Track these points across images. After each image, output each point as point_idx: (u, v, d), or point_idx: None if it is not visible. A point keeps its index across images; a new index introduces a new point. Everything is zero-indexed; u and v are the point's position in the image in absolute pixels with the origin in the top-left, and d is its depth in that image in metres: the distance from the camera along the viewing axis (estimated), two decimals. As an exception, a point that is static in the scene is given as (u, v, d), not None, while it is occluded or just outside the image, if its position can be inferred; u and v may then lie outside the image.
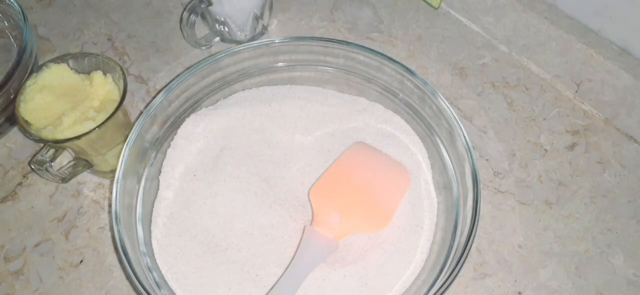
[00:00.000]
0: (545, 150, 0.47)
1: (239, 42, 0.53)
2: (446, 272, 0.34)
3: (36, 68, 0.41)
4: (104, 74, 0.41)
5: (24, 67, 0.44)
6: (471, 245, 0.34)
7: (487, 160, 0.46)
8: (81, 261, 0.41)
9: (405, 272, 0.38)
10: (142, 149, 0.40)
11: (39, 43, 0.55)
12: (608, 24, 0.48)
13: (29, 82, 0.40)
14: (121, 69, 0.40)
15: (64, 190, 0.44)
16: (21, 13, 0.46)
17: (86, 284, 0.40)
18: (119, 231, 0.34)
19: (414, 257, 0.38)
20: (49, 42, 0.55)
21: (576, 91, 0.50)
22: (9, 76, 0.42)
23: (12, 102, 0.44)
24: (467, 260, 0.34)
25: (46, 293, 0.39)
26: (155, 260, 0.37)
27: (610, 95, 0.48)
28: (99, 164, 0.42)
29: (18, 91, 0.40)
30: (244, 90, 0.47)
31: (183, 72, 0.42)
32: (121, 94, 0.39)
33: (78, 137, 0.37)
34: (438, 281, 0.34)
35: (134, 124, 0.39)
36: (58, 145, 0.38)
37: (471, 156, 0.38)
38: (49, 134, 0.37)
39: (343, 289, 0.37)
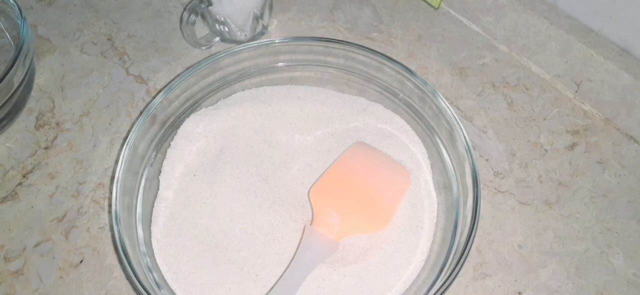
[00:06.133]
0: (545, 150, 0.47)
1: (239, 42, 0.53)
2: (446, 272, 0.34)
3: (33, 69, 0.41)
4: None
5: (21, 67, 0.44)
6: (471, 245, 0.34)
7: (487, 160, 0.46)
8: (81, 261, 0.41)
9: (405, 272, 0.37)
10: (142, 149, 0.40)
11: (39, 43, 0.55)
12: (608, 24, 0.48)
13: None
14: None
15: (64, 190, 0.44)
16: (19, 12, 0.46)
17: (86, 284, 0.40)
18: (119, 231, 0.34)
19: (414, 257, 0.38)
20: (49, 42, 0.55)
21: (576, 91, 0.50)
22: (3, 76, 0.42)
23: (6, 103, 0.44)
24: (467, 260, 0.34)
25: (46, 293, 0.39)
26: (155, 260, 0.37)
27: (610, 95, 0.48)
28: None
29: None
30: (244, 90, 0.47)
31: (183, 72, 0.42)
32: None
33: None
34: (438, 281, 0.34)
35: (134, 124, 0.39)
36: None
37: (471, 156, 0.38)
38: None
39: (343, 289, 0.37)
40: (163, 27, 0.56)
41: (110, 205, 0.44)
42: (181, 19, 0.49)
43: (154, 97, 0.40)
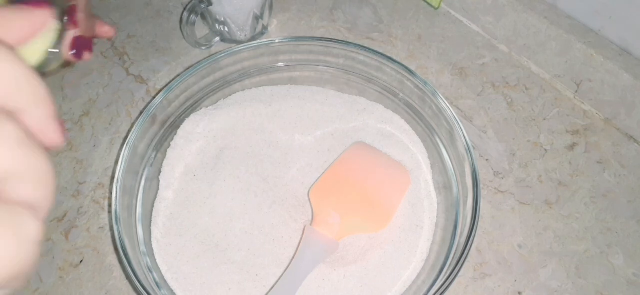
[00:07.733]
0: (545, 150, 0.47)
1: (239, 42, 0.53)
2: (446, 272, 0.34)
3: None
4: None
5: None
6: (471, 245, 0.34)
7: (487, 160, 0.46)
8: (81, 261, 0.41)
9: (405, 272, 0.37)
10: (142, 149, 0.40)
11: (39, 43, 0.55)
12: (608, 24, 0.48)
13: None
14: None
15: (64, 190, 0.44)
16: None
17: (86, 284, 0.40)
18: (119, 231, 0.34)
19: (414, 257, 0.38)
20: (49, 42, 0.55)
21: (576, 91, 0.50)
22: None
23: None
24: (467, 260, 0.34)
25: (46, 293, 0.39)
26: (155, 260, 0.37)
27: (610, 95, 0.48)
28: None
29: None
30: (244, 90, 0.47)
31: (183, 72, 0.42)
32: None
33: None
34: (438, 281, 0.34)
35: (134, 124, 0.39)
36: None
37: (471, 156, 0.38)
38: None
39: (343, 289, 0.37)
40: (163, 27, 0.56)
41: (110, 205, 0.44)
42: (181, 19, 0.49)
43: (154, 97, 0.40)
